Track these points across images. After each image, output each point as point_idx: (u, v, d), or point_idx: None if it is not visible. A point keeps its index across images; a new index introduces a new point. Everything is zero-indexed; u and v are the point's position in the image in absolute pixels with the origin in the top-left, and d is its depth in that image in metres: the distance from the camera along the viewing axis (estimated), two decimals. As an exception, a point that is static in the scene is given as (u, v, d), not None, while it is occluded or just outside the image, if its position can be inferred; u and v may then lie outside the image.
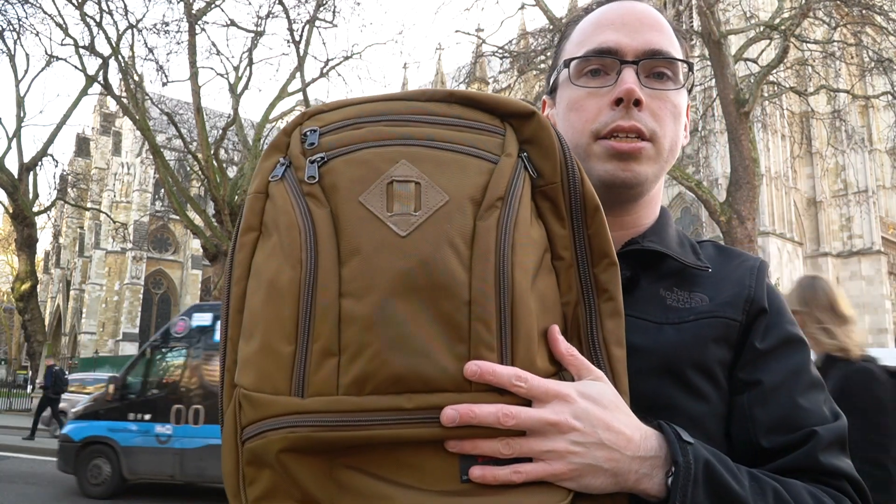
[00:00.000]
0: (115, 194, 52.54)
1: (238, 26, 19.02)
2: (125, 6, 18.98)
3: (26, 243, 20.12)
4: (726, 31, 13.59)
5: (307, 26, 18.85)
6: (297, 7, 19.85)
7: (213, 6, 18.16)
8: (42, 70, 22.38)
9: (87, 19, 18.26)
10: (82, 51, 18.91)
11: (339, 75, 24.61)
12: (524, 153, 0.69)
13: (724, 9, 16.58)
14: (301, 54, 18.92)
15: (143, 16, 31.07)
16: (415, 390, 0.58)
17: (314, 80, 20.02)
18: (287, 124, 0.70)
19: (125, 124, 50.66)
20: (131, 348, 43.92)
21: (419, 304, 0.59)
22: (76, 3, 18.06)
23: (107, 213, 35.19)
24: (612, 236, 0.71)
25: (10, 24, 19.64)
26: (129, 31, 18.55)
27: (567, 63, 0.90)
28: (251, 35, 19.24)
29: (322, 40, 22.72)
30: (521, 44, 18.91)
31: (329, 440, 0.57)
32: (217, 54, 23.82)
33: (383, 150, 0.65)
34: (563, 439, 0.62)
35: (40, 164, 21.19)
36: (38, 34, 21.47)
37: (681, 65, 0.89)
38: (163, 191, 29.19)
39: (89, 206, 40.13)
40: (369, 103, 0.70)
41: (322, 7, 18.64)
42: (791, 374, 0.82)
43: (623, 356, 0.70)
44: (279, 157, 0.68)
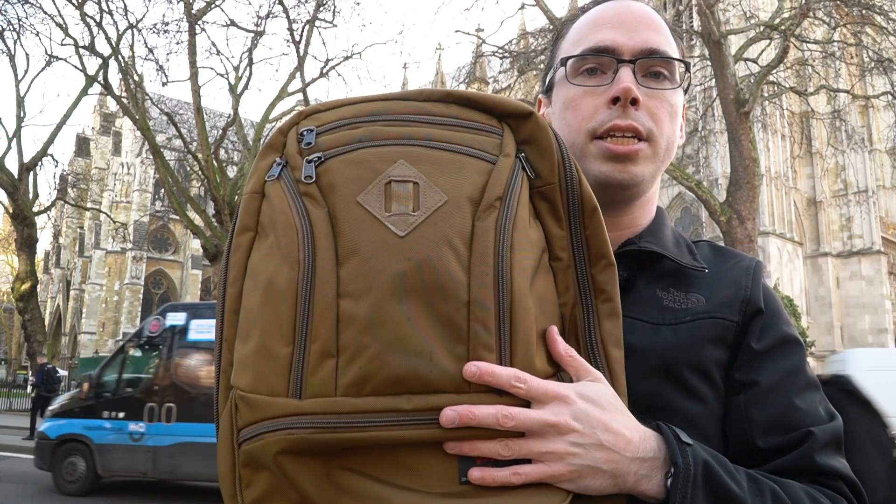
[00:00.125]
0: (115, 194, 52.56)
1: (238, 26, 19.01)
2: (125, 6, 19.05)
3: (26, 243, 20.11)
4: (726, 31, 13.59)
5: (307, 26, 18.86)
6: (297, 7, 19.84)
7: (213, 6, 18.15)
8: (42, 70, 22.39)
9: (87, 19, 18.26)
10: (82, 51, 18.92)
11: (339, 75, 24.68)
12: (522, 153, 0.68)
13: (724, 9, 16.56)
14: (301, 54, 18.92)
15: (143, 16, 31.17)
16: (414, 391, 0.57)
17: (314, 80, 20.02)
18: (283, 124, 0.70)
19: (125, 124, 50.67)
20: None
21: (418, 304, 0.58)
22: (76, 3, 18.05)
23: (107, 213, 35.17)
24: (609, 237, 0.71)
25: (10, 24, 19.65)
26: (129, 31, 18.58)
27: (564, 62, 0.90)
28: (251, 35, 19.26)
29: (322, 40, 22.74)
30: (521, 44, 18.92)
31: (327, 442, 0.56)
32: (217, 54, 23.87)
33: (381, 149, 0.65)
34: (563, 440, 0.62)
35: (40, 164, 21.19)
36: (38, 34, 21.49)
37: (677, 64, 0.88)
38: (163, 191, 29.22)
39: (89, 206, 40.08)
40: (366, 103, 0.69)
41: (322, 7, 18.64)
42: (787, 375, 0.82)
43: (621, 357, 0.70)
44: (275, 156, 0.68)
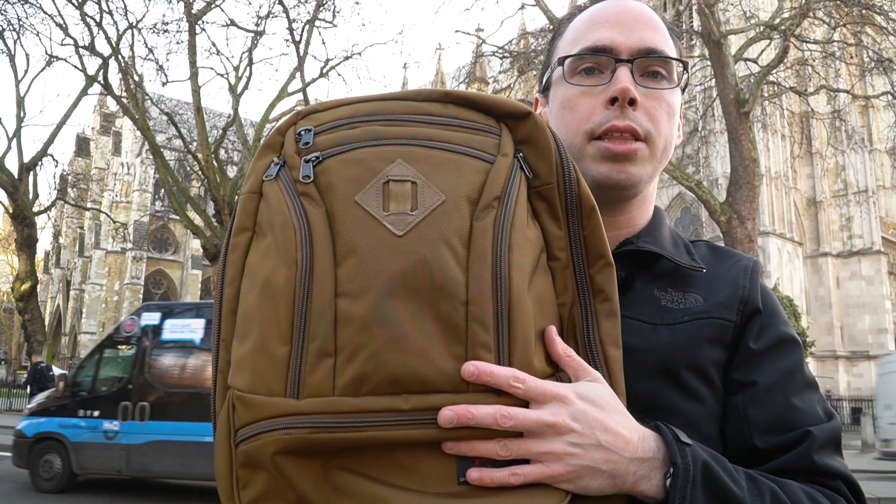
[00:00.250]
0: (115, 194, 52.61)
1: (238, 26, 19.00)
2: (125, 6, 19.03)
3: (26, 243, 20.11)
4: (726, 31, 13.58)
5: (307, 26, 18.85)
6: (297, 7, 19.80)
7: (213, 6, 18.14)
8: (42, 70, 22.35)
9: (87, 19, 18.25)
10: (82, 51, 18.90)
11: (339, 75, 24.58)
12: (520, 153, 0.68)
13: (724, 9, 16.55)
14: (301, 54, 18.91)
15: (143, 16, 31.12)
16: (412, 391, 0.57)
17: (314, 80, 20.01)
18: (281, 123, 0.70)
19: (125, 124, 50.70)
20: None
21: (416, 304, 0.58)
22: (76, 3, 18.04)
23: (107, 213, 35.14)
24: (607, 237, 0.71)
25: (10, 24, 19.63)
26: (129, 31, 18.56)
27: (561, 61, 0.89)
28: (251, 35, 19.25)
29: (322, 40, 22.74)
30: (521, 44, 18.91)
31: (325, 442, 0.56)
32: (217, 54, 23.80)
33: (379, 149, 0.65)
34: (561, 441, 0.62)
35: (40, 164, 21.17)
36: (38, 34, 21.48)
37: (675, 63, 0.88)
38: (163, 191, 29.20)
39: (89, 206, 40.03)
40: (364, 103, 0.69)
41: (322, 7, 18.63)
42: (785, 375, 0.82)
43: (619, 357, 0.70)
44: (273, 156, 0.67)
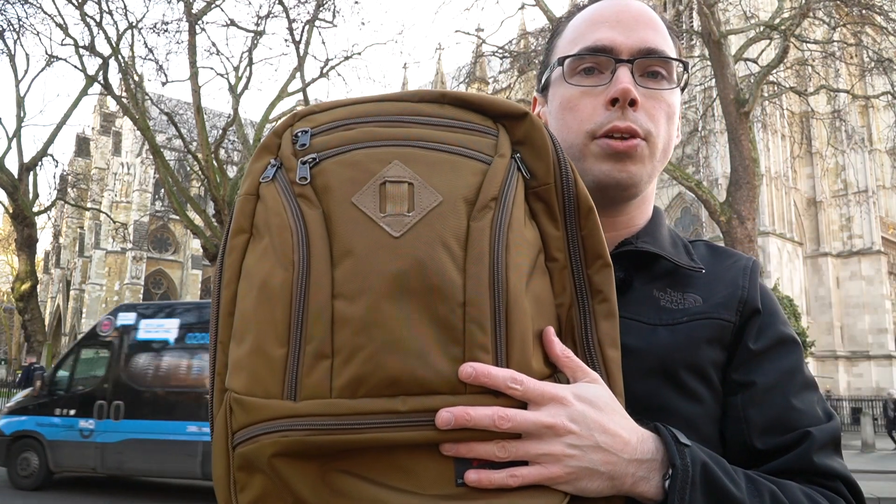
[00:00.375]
0: (115, 194, 52.57)
1: (238, 26, 19.00)
2: (125, 6, 18.98)
3: (26, 243, 20.09)
4: (726, 31, 13.58)
5: (307, 26, 18.84)
6: (297, 7, 19.78)
7: (213, 6, 18.13)
8: (42, 70, 22.26)
9: (87, 19, 18.23)
10: (82, 51, 18.88)
11: (339, 75, 24.64)
12: (517, 154, 0.68)
13: (724, 9, 16.55)
14: (301, 54, 18.91)
15: (143, 16, 30.96)
16: (409, 393, 0.57)
17: (314, 80, 20.00)
18: (277, 125, 0.70)
19: (125, 124, 50.68)
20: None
21: (413, 305, 0.58)
22: (76, 3, 18.03)
23: (107, 213, 35.10)
24: (606, 237, 0.71)
25: (10, 24, 19.61)
26: (129, 31, 18.55)
27: (561, 61, 0.89)
28: (251, 35, 19.24)
29: (322, 40, 22.72)
30: (521, 44, 18.92)
31: (322, 444, 0.56)
32: (217, 54, 23.74)
33: (375, 150, 0.65)
34: (560, 442, 0.61)
35: (40, 164, 21.15)
36: (38, 34, 21.43)
37: (675, 64, 0.88)
38: (163, 191, 29.21)
39: (89, 206, 39.99)
40: (361, 104, 0.69)
41: (322, 7, 18.62)
42: (785, 375, 0.82)
43: (618, 358, 0.70)
44: (270, 158, 0.67)
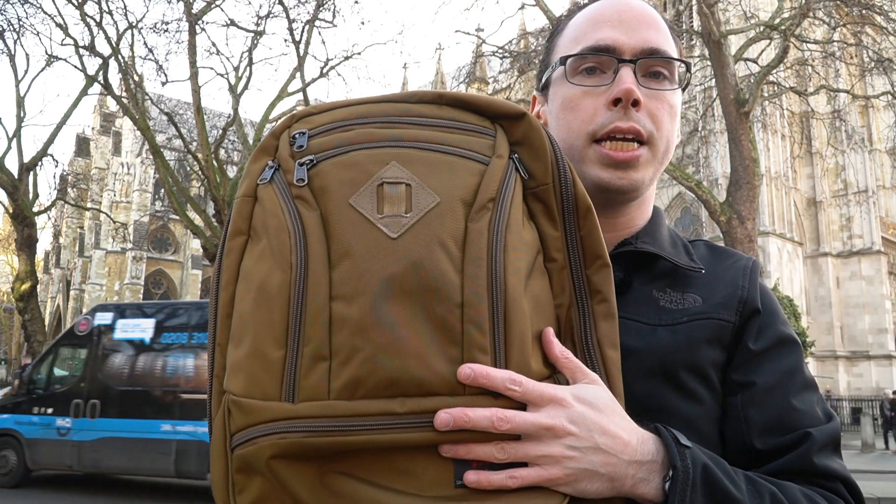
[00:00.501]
0: (115, 194, 52.59)
1: (238, 26, 18.97)
2: (125, 6, 19.00)
3: (26, 243, 20.07)
4: (726, 31, 13.56)
5: (307, 26, 18.82)
6: (297, 7, 19.76)
7: (213, 6, 18.10)
8: (42, 70, 22.18)
9: (87, 19, 18.20)
10: (82, 51, 18.84)
11: (339, 75, 24.54)
12: (515, 154, 0.68)
13: (724, 9, 16.54)
14: (301, 54, 18.88)
15: (143, 16, 30.88)
16: (407, 394, 0.57)
17: (314, 80, 19.97)
18: (275, 127, 0.70)
19: (125, 124, 50.70)
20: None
21: (411, 306, 0.58)
22: (76, 3, 18.00)
23: (107, 213, 35.03)
24: (605, 237, 0.71)
25: (10, 24, 19.57)
26: (129, 31, 18.53)
27: (563, 60, 0.88)
28: (251, 35, 19.22)
29: (322, 40, 22.69)
30: (521, 44, 18.91)
31: (321, 446, 0.56)
32: (217, 54, 23.68)
33: (373, 151, 0.64)
34: (559, 444, 0.61)
35: (40, 164, 21.10)
36: (38, 34, 21.38)
37: (677, 64, 0.88)
38: (163, 191, 29.19)
39: (89, 206, 39.99)
40: (358, 105, 0.69)
41: (322, 7, 18.61)
42: (785, 375, 0.82)
43: (617, 358, 0.70)
44: (267, 160, 0.67)
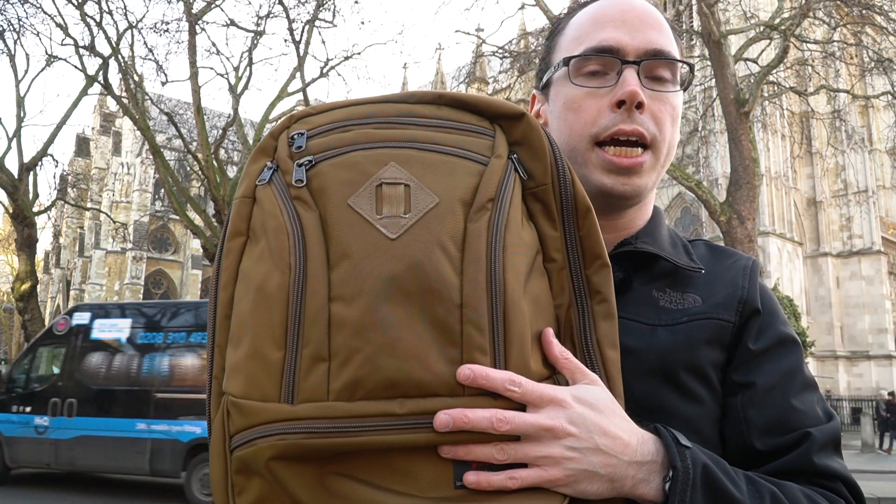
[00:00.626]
0: (115, 194, 52.62)
1: (238, 26, 18.95)
2: (125, 6, 19.01)
3: (26, 243, 20.05)
4: (726, 31, 13.56)
5: (307, 26, 18.81)
6: (297, 7, 19.76)
7: (213, 6, 18.09)
8: (42, 70, 22.17)
9: (87, 19, 18.18)
10: (82, 51, 18.82)
11: (339, 75, 24.51)
12: (514, 155, 0.68)
13: (724, 9, 16.54)
14: (301, 54, 18.87)
15: (143, 16, 30.93)
16: (407, 395, 0.57)
17: (314, 80, 19.95)
18: (274, 128, 0.70)
19: (125, 124, 50.71)
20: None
21: (410, 307, 0.58)
22: (76, 3, 17.99)
23: (107, 213, 35.00)
24: (605, 238, 0.71)
25: (10, 24, 19.55)
26: (129, 31, 18.51)
27: (566, 61, 0.87)
28: (251, 35, 19.21)
29: (322, 40, 22.68)
30: (521, 44, 18.90)
31: (320, 447, 0.56)
32: (217, 54, 23.70)
33: (372, 152, 0.64)
34: (559, 444, 0.61)
35: (40, 164, 21.08)
36: (38, 34, 21.34)
37: (679, 65, 0.87)
38: (163, 191, 29.18)
39: (89, 206, 39.98)
40: (357, 106, 0.69)
41: (322, 7, 18.60)
42: (785, 376, 0.82)
43: (617, 358, 0.70)
44: (266, 160, 0.67)
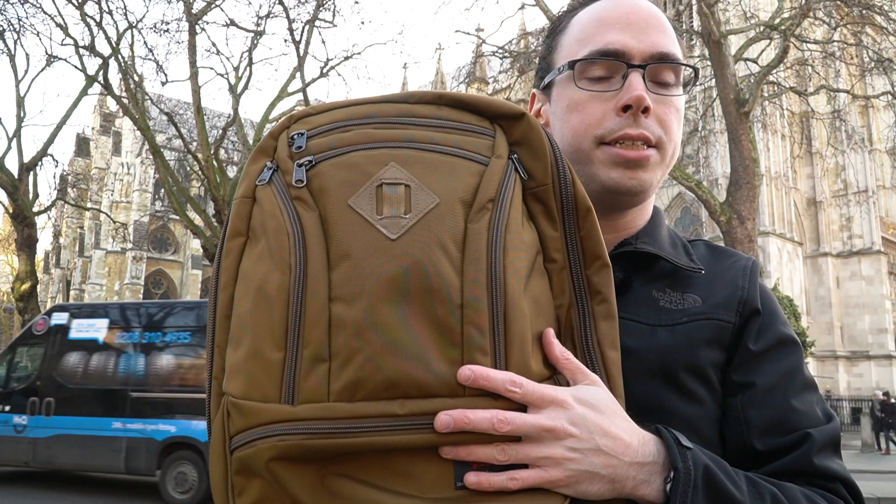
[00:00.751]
0: (114, 194, 52.63)
1: (238, 26, 18.94)
2: (125, 6, 19.00)
3: (26, 243, 20.05)
4: (726, 31, 13.56)
5: (307, 26, 18.80)
6: (297, 7, 19.77)
7: (213, 6, 18.09)
8: (42, 70, 22.16)
9: (87, 19, 18.18)
10: (82, 51, 18.81)
11: (339, 75, 24.49)
12: (514, 155, 0.68)
13: (724, 9, 16.54)
14: (301, 54, 18.87)
15: (143, 16, 30.86)
16: (407, 396, 0.57)
17: (314, 80, 19.96)
18: (274, 128, 0.69)
19: (125, 124, 50.74)
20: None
21: (411, 308, 0.58)
22: (76, 3, 17.99)
23: (107, 213, 34.99)
24: (605, 238, 0.71)
25: (10, 24, 19.55)
26: (129, 31, 18.51)
27: (571, 65, 0.86)
28: (251, 35, 19.21)
29: (322, 40, 22.68)
30: (521, 44, 18.91)
31: (320, 448, 0.56)
32: (217, 54, 23.70)
33: (372, 152, 0.64)
34: (560, 445, 0.61)
35: (40, 164, 21.08)
36: (38, 34, 21.32)
37: (683, 67, 0.87)
38: (163, 191, 29.21)
39: (89, 206, 39.90)
40: (357, 106, 0.69)
41: (322, 7, 18.60)
42: (784, 376, 0.82)
43: (618, 359, 0.70)
44: (266, 160, 0.67)
